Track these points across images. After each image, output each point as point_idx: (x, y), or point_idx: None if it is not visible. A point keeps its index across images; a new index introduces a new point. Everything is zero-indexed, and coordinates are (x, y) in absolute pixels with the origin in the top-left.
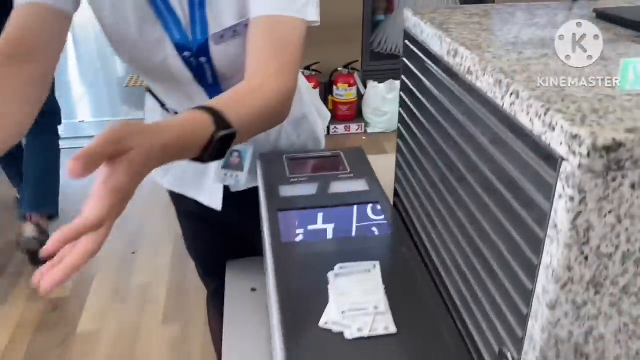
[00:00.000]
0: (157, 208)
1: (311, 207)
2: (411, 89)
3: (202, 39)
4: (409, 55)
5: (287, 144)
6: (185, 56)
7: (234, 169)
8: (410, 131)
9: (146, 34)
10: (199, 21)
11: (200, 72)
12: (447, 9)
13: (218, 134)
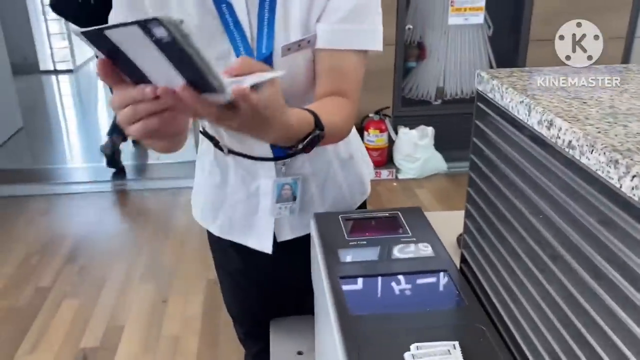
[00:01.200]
0: (187, 256)
1: (375, 274)
2: (484, 153)
3: (267, 53)
4: (482, 117)
5: (334, 185)
6: None
7: (287, 201)
8: (484, 196)
9: (213, 47)
10: (265, 36)
11: None
12: (523, 72)
13: (315, 131)
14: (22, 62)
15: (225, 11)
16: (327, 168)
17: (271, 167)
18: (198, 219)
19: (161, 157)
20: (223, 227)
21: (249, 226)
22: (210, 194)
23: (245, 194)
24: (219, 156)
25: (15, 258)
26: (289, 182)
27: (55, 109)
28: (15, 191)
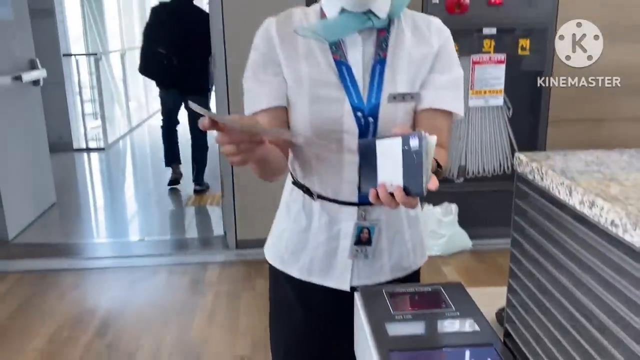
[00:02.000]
0: (215, 331)
1: (424, 348)
2: (526, 230)
3: (375, 103)
4: (522, 197)
5: (401, 241)
6: (358, 115)
7: (364, 244)
8: (526, 272)
9: (332, 93)
10: (375, 90)
11: (365, 129)
12: (558, 155)
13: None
14: (58, 140)
15: (344, 71)
16: (398, 222)
17: (354, 212)
18: (277, 264)
19: (188, 231)
20: (303, 269)
21: (328, 267)
22: (293, 239)
23: (327, 237)
24: (307, 203)
25: (46, 332)
26: (367, 226)
27: (86, 185)
28: (47, 265)
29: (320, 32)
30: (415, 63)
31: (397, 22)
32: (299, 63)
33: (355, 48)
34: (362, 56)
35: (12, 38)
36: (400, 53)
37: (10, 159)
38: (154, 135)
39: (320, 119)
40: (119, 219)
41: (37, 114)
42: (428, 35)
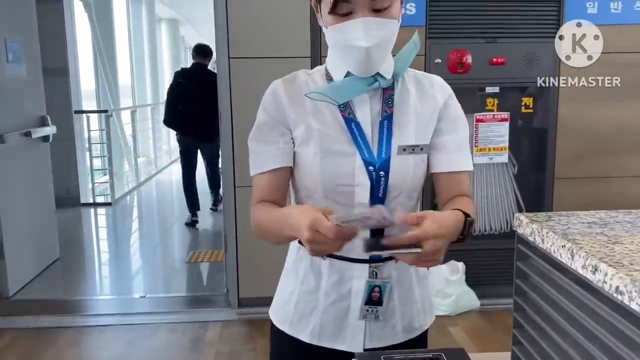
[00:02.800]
0: None
1: None
2: (528, 294)
3: (385, 157)
4: (523, 259)
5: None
6: (369, 169)
7: (375, 304)
8: (530, 339)
9: (343, 148)
10: (385, 144)
11: (377, 184)
12: (561, 216)
13: (469, 219)
14: (65, 195)
15: (354, 127)
16: (408, 281)
17: (365, 269)
18: (286, 329)
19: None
20: (314, 333)
21: (340, 330)
22: (302, 301)
23: (338, 297)
24: (315, 262)
25: None
26: (379, 284)
27: (91, 240)
28: (46, 323)
29: (330, 95)
30: (421, 116)
31: (401, 81)
32: (308, 119)
33: (363, 105)
34: (370, 113)
35: (24, 95)
36: (405, 109)
37: (16, 213)
38: (162, 189)
39: (331, 174)
40: (122, 274)
41: (45, 170)
42: (432, 91)
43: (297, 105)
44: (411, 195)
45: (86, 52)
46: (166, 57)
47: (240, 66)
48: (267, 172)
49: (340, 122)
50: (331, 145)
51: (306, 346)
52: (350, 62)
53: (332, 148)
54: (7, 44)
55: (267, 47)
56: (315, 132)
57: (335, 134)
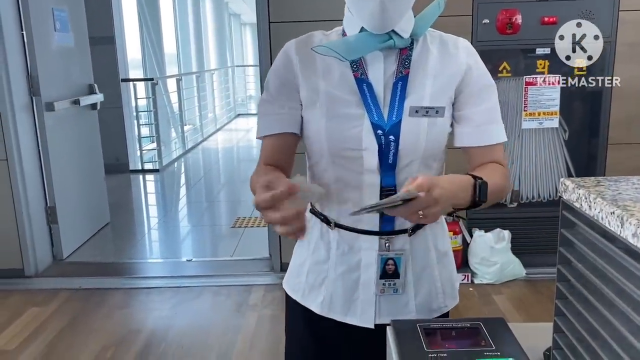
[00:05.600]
0: (256, 355)
1: None
2: (572, 263)
3: (396, 120)
4: (568, 226)
5: (429, 278)
6: (378, 133)
7: (391, 277)
8: (573, 310)
9: (350, 110)
10: (397, 107)
11: (386, 149)
12: (610, 181)
13: (477, 181)
14: (114, 162)
15: (365, 88)
16: (426, 256)
17: (375, 241)
18: (298, 298)
19: (235, 253)
20: (324, 304)
21: (350, 303)
22: (313, 272)
23: (347, 268)
24: (324, 232)
25: (92, 351)
26: (392, 257)
27: (140, 205)
28: (97, 284)
29: (339, 50)
30: (440, 78)
31: (422, 41)
32: (316, 81)
33: (377, 65)
34: (384, 73)
35: (71, 63)
36: (424, 70)
37: (68, 180)
38: (208, 157)
39: (337, 137)
40: (170, 239)
41: (94, 137)
42: (455, 53)
43: (307, 66)
44: (428, 163)
45: (132, 20)
46: (210, 25)
47: (280, 30)
48: (272, 136)
49: (351, 83)
50: (338, 107)
51: (318, 318)
52: (364, 16)
53: (338, 110)
54: (55, 13)
55: (307, 11)
56: (322, 94)
57: (343, 95)
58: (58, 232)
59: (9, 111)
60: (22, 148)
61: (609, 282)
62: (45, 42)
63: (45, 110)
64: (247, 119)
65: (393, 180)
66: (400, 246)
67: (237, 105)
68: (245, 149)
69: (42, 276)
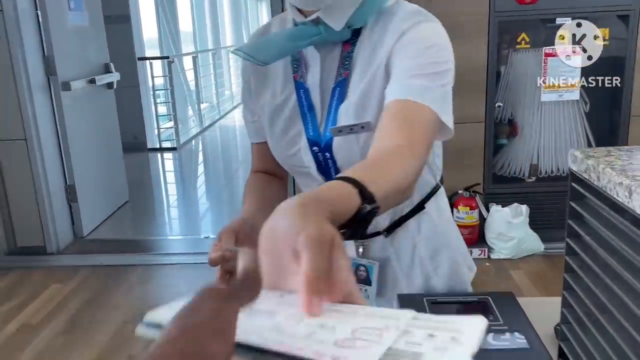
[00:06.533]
0: None
1: None
2: (582, 236)
3: (329, 136)
4: (577, 198)
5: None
6: (314, 150)
7: (362, 284)
8: (582, 284)
9: (290, 129)
10: (331, 120)
11: (325, 166)
12: (621, 151)
13: (365, 208)
14: (132, 140)
15: (302, 95)
16: (411, 251)
17: (349, 245)
18: None
19: None
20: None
21: None
22: None
23: None
24: None
25: (112, 326)
26: (364, 264)
27: (159, 183)
28: (116, 260)
29: (252, 53)
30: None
31: (369, 30)
32: (262, 89)
33: (314, 66)
34: (321, 77)
35: (87, 42)
36: (357, 72)
37: (86, 158)
38: (225, 135)
39: (282, 155)
40: (188, 216)
41: (111, 116)
42: (385, 34)
43: (257, 69)
44: None
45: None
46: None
47: None
48: (255, 145)
49: (291, 88)
50: (278, 123)
51: None
52: None
53: (279, 128)
54: None
55: None
56: (266, 107)
57: (284, 106)
58: (78, 210)
59: (26, 91)
60: (41, 128)
61: (617, 254)
62: (60, 21)
63: (61, 90)
64: None
65: None
66: (379, 250)
67: None
68: None
69: (63, 253)
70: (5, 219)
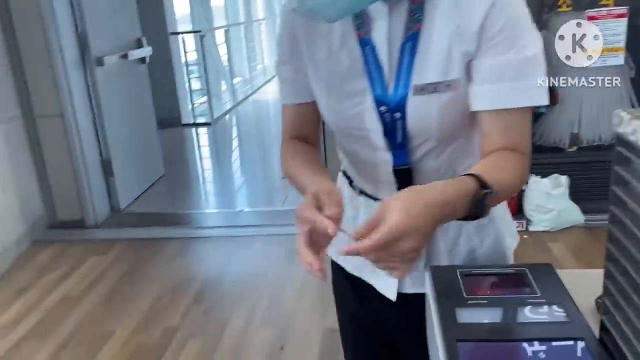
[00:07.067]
0: (305, 305)
1: (497, 339)
2: (627, 204)
3: (402, 94)
4: (623, 163)
5: (466, 249)
6: (381, 110)
7: None
8: (627, 254)
9: (351, 85)
10: (403, 77)
11: (391, 128)
12: None
13: (480, 192)
14: (167, 116)
15: (368, 52)
16: (457, 227)
17: None
18: (332, 255)
19: (286, 203)
20: (355, 264)
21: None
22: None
23: None
24: (352, 195)
25: (149, 297)
26: None
27: (194, 158)
28: (153, 234)
29: (317, 10)
30: (448, 39)
31: None
32: (317, 45)
33: (381, 22)
34: (388, 32)
35: (118, 17)
36: (435, 26)
37: (121, 134)
38: (258, 109)
39: (339, 117)
40: (223, 190)
41: (145, 91)
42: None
43: (308, 25)
44: (449, 141)
45: None
46: None
47: None
48: (288, 106)
49: (354, 45)
50: (338, 80)
51: (353, 275)
52: None
53: (338, 85)
54: None
55: None
56: (322, 64)
57: (344, 64)
58: (114, 185)
59: (61, 67)
60: (76, 104)
61: None
62: None
63: (95, 66)
64: None
65: (406, 159)
66: None
67: None
68: None
69: (101, 227)
70: (46, 193)
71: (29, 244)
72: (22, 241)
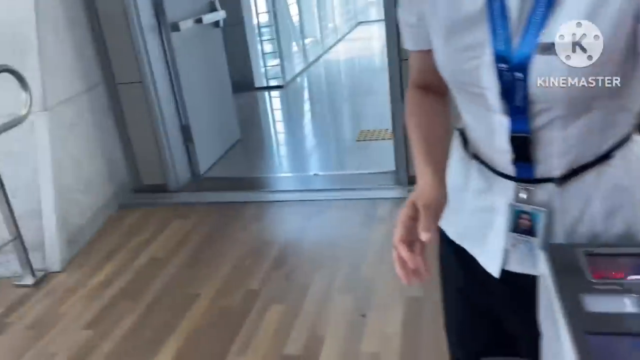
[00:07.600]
0: (386, 271)
1: (636, 333)
2: None
3: (527, 51)
4: None
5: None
6: (501, 67)
7: (525, 233)
8: None
9: (470, 39)
10: (533, 29)
11: (510, 90)
12: None
13: None
14: (241, 80)
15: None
16: (582, 206)
17: (508, 187)
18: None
19: (360, 167)
20: (459, 231)
21: (482, 239)
22: (453, 194)
23: (482, 206)
24: (465, 158)
25: (230, 260)
26: (527, 212)
27: (268, 122)
28: (233, 198)
29: None
30: None
31: None
32: None
33: None
34: None
35: None
36: None
37: (198, 99)
38: (330, 70)
39: (454, 70)
40: (297, 153)
41: (220, 55)
42: None
43: None
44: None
45: None
46: None
47: None
48: (411, 51)
49: None
50: (456, 30)
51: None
52: None
53: (456, 35)
54: None
55: None
56: (440, 10)
57: (466, 13)
58: (194, 150)
59: (139, 34)
60: (154, 70)
61: None
62: None
63: (171, 31)
64: (368, 27)
65: (525, 126)
66: (545, 199)
67: (357, 12)
68: (367, 59)
69: (182, 191)
70: (130, 159)
71: (117, 208)
72: (111, 205)
